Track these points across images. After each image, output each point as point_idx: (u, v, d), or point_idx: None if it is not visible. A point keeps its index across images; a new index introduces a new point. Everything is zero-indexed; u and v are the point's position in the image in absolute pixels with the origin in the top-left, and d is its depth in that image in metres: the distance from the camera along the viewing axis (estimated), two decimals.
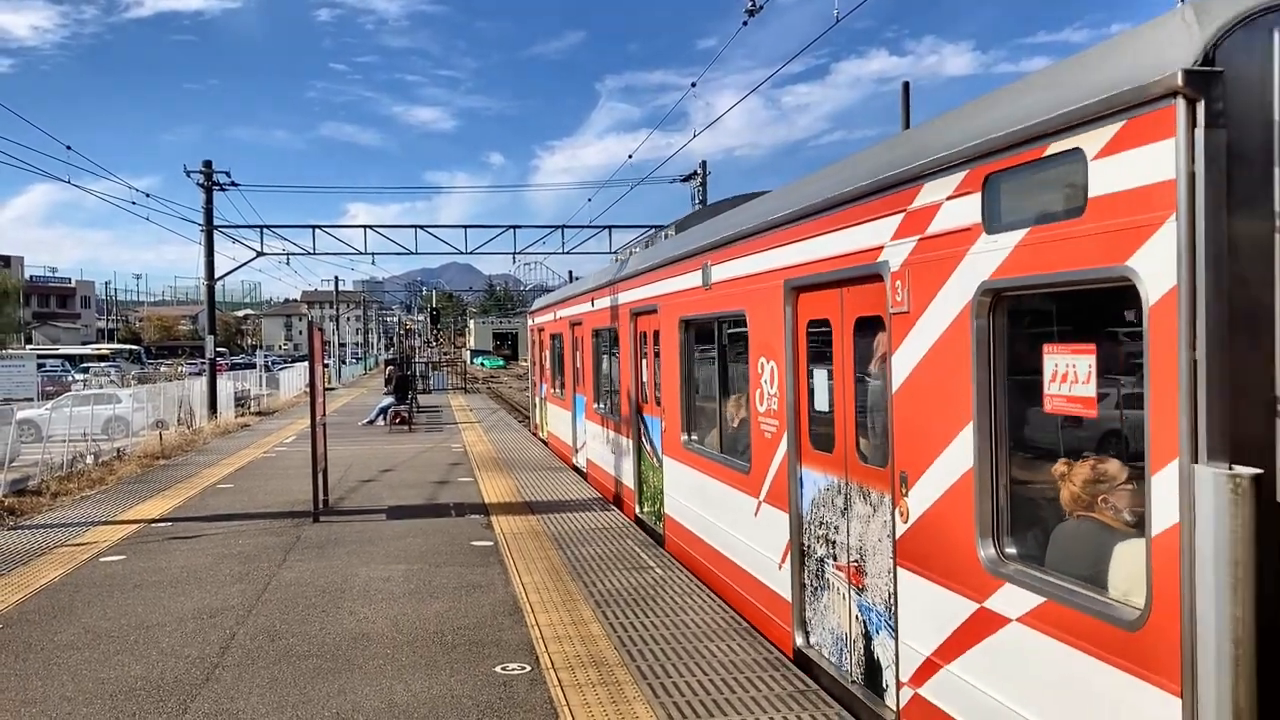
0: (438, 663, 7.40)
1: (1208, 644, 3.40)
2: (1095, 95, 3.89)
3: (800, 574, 7.45)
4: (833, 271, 6.58)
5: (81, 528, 13.09)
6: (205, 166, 32.76)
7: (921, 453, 5.39)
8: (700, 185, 33.74)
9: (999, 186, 4.66)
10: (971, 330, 4.86)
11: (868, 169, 6.12)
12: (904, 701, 5.66)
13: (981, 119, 4.88)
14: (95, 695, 6.85)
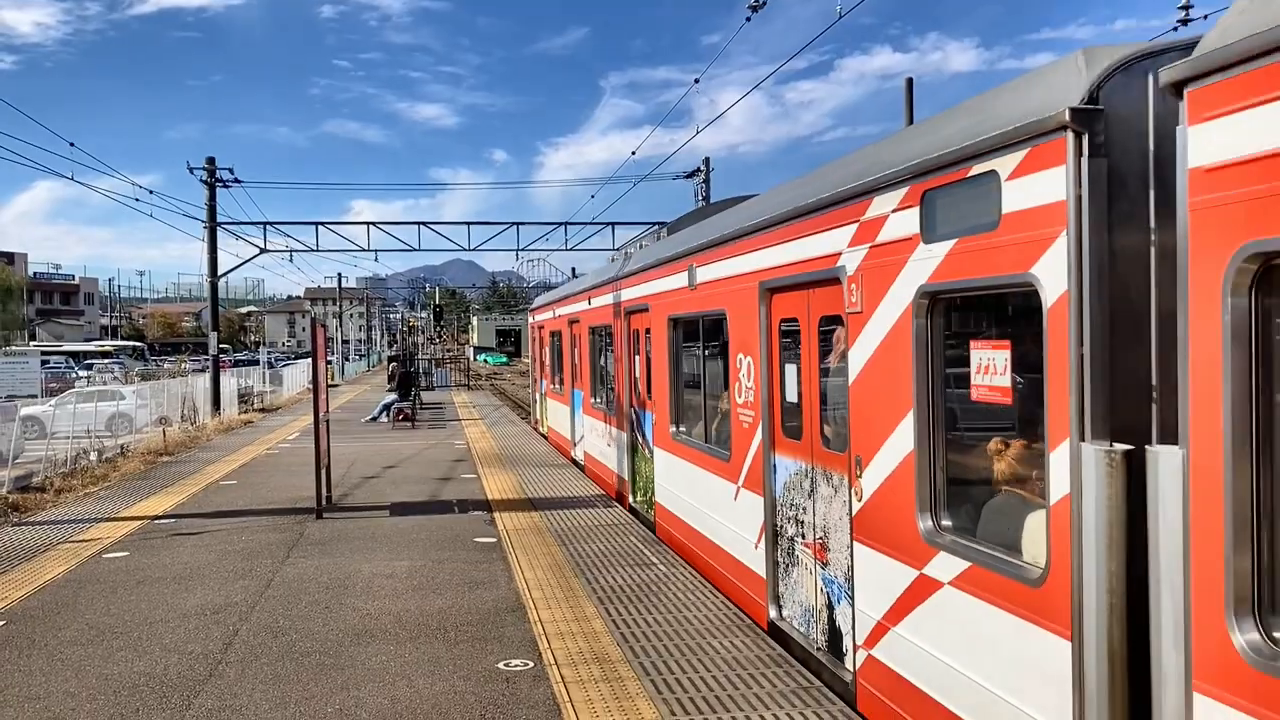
0: (441, 659, 7.40)
1: (1089, 596, 4.07)
2: (1006, 125, 4.55)
3: (773, 552, 8.09)
4: (800, 275, 7.22)
5: (85, 524, 13.11)
6: (208, 163, 32.79)
7: (872, 438, 6.01)
8: (703, 182, 33.74)
9: (934, 202, 5.28)
10: (912, 329, 5.50)
11: (829, 182, 6.76)
12: (859, 663, 6.30)
13: (920, 141, 5.52)
14: (99, 691, 6.86)
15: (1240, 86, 3.34)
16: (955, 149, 4.99)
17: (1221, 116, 3.44)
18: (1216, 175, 3.47)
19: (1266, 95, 3.23)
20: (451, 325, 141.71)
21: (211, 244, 32.94)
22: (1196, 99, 3.55)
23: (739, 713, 6.24)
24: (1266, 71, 3.22)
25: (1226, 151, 3.41)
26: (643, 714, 6.24)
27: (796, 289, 7.45)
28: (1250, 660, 3.32)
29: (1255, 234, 3.28)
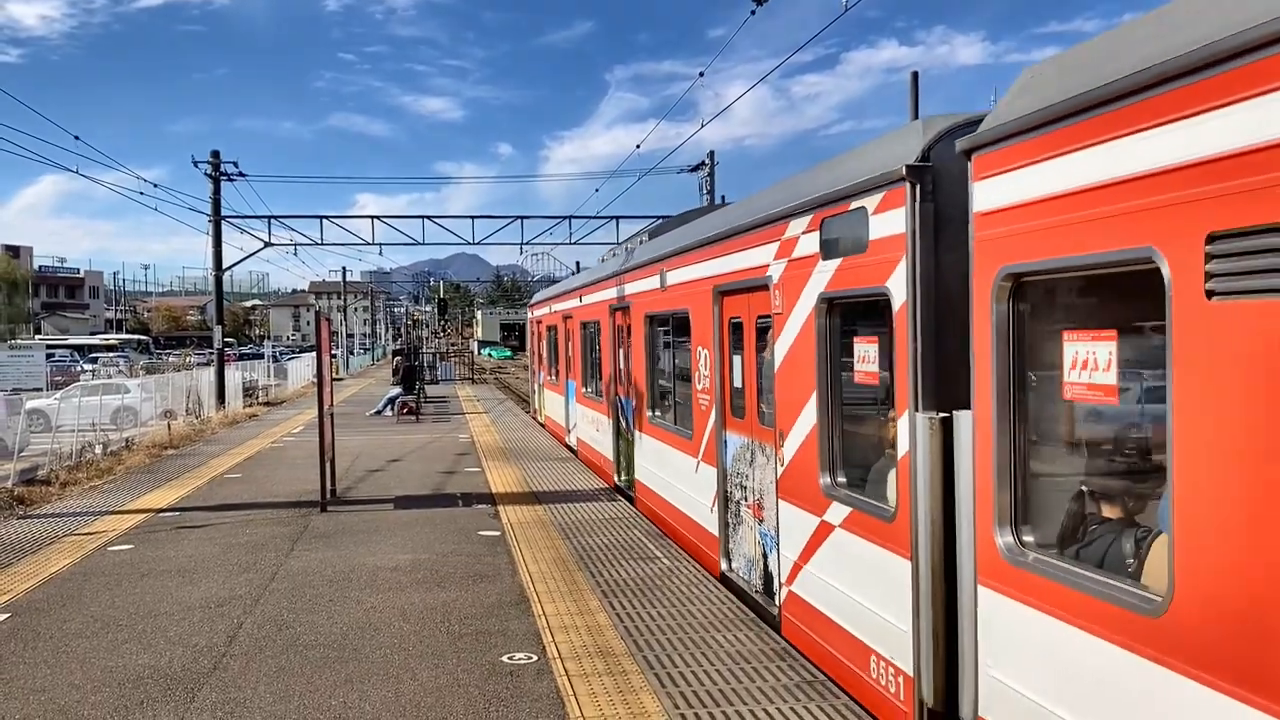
0: (444, 652, 7.41)
1: (921, 526, 5.56)
2: (873, 172, 5.99)
3: (724, 514, 9.61)
4: (742, 280, 8.62)
5: (90, 517, 13.14)
6: (213, 157, 32.78)
7: (789, 415, 7.48)
8: (708, 176, 33.68)
9: (829, 227, 6.74)
10: (814, 327, 6.95)
11: (761, 206, 8.31)
12: (783, 598, 7.78)
13: (823, 177, 7.01)
14: (103, 683, 6.88)
15: (996, 159, 4.76)
16: (842, 187, 6.43)
17: (989, 178, 4.83)
18: (987, 218, 4.84)
19: (1009, 166, 4.64)
20: (456, 319, 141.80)
21: (216, 238, 32.95)
22: (977, 163, 4.94)
23: (743, 707, 6.24)
24: (1006, 151, 4.68)
25: (991, 202, 4.81)
26: (646, 708, 6.24)
27: (740, 293, 8.84)
28: (1005, 557, 4.75)
29: (1007, 260, 4.67)
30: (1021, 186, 4.58)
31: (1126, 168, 3.92)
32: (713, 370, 9.66)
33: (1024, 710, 4.64)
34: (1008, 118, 4.70)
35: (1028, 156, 4.55)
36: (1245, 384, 3.33)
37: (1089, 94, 4.10)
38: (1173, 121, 3.66)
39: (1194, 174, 3.57)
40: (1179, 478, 3.67)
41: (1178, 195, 3.64)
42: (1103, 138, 4.06)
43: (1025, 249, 4.59)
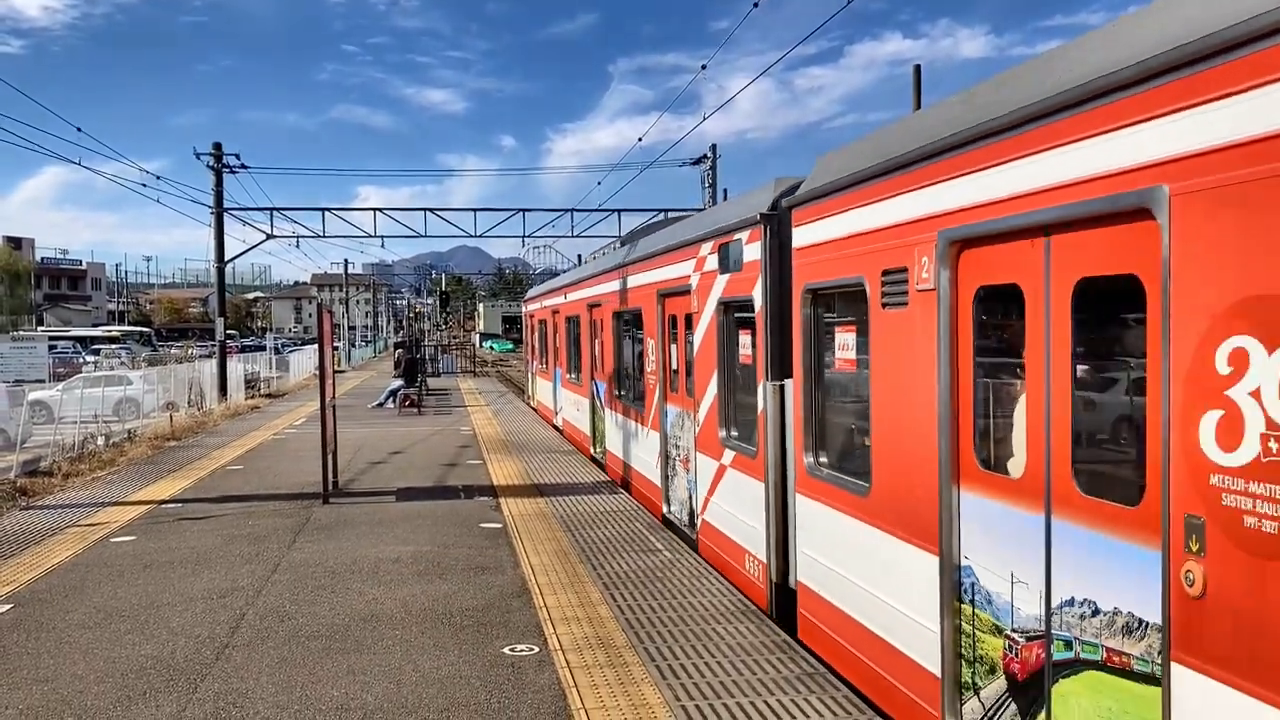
0: (446, 644, 7.43)
1: (769, 458, 8.25)
2: (745, 215, 8.74)
3: (664, 469, 12.43)
4: (675, 287, 11.40)
5: (93, 508, 13.17)
6: (215, 149, 32.74)
7: (702, 388, 10.32)
8: (710, 169, 33.63)
9: (724, 250, 9.41)
10: (716, 323, 9.76)
11: (683, 230, 11.67)
12: (699, 525, 10.61)
13: (719, 214, 10.19)
14: (106, 674, 6.90)
15: (801, 214, 7.36)
16: (729, 223, 9.26)
17: (799, 225, 7.41)
18: (799, 251, 7.42)
19: (807, 220, 7.20)
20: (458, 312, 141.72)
21: (218, 229, 32.94)
22: (794, 215, 7.55)
23: (743, 698, 6.26)
24: (804, 210, 7.20)
25: (800, 241, 7.38)
26: (648, 699, 6.25)
27: (674, 295, 11.62)
28: (809, 473, 7.36)
29: (808, 280, 7.22)
30: (813, 233, 7.18)
31: (853, 228, 6.54)
32: (657, 356, 12.48)
33: (817, 569, 7.33)
34: (805, 189, 7.37)
35: (815, 215, 7.15)
36: (896, 352, 5.92)
37: (836, 182, 6.75)
38: (869, 205, 6.29)
39: (874, 236, 6.19)
40: (875, 414, 6.21)
41: (870, 248, 6.24)
42: (843, 208, 6.67)
43: (816, 273, 7.14)
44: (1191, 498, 3.58)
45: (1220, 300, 3.44)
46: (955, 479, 5.31)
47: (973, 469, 5.18)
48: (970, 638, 5.21)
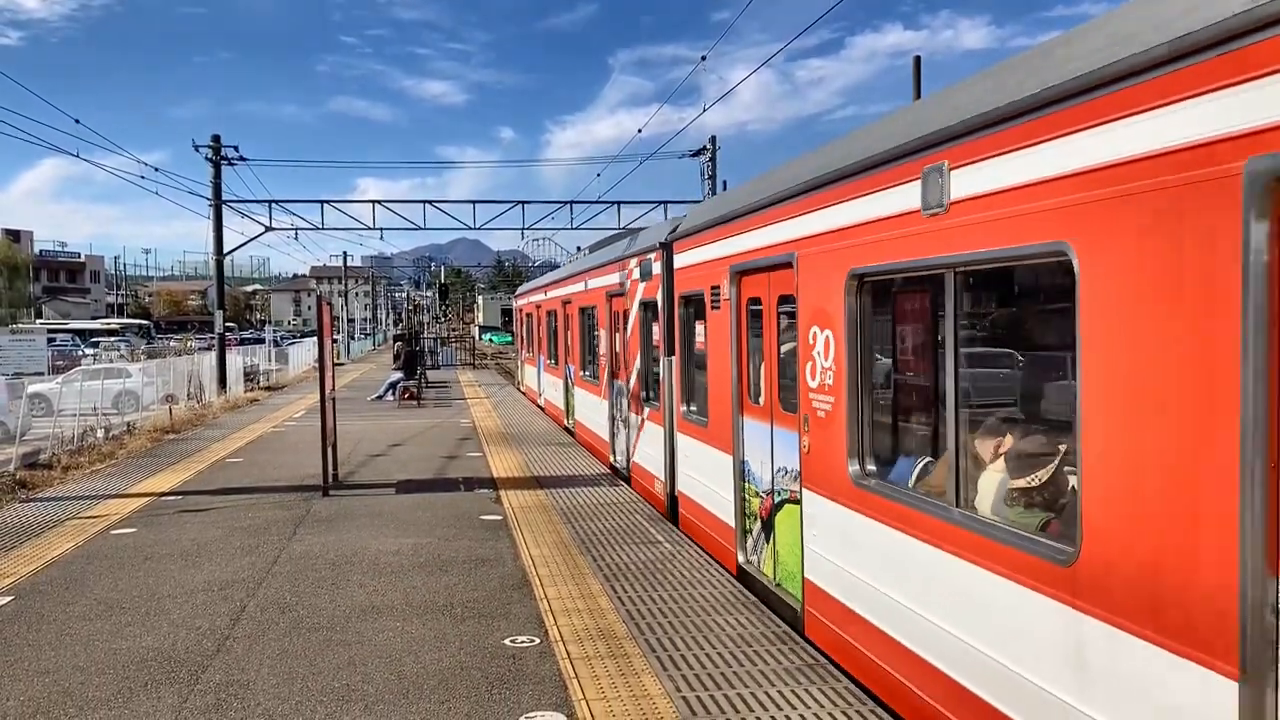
0: (447, 635, 7.43)
1: (667, 410, 12.14)
2: (652, 242, 12.73)
3: (612, 428, 16.15)
4: (616, 290, 15.10)
5: (92, 501, 13.17)
6: (214, 141, 32.69)
7: (631, 365, 14.06)
8: (710, 160, 33.58)
9: (642, 265, 13.06)
10: (639, 318, 13.49)
11: (615, 250, 15.72)
12: (632, 466, 14.34)
13: (641, 239, 13.99)
14: (107, 665, 6.90)
15: (677, 246, 11.30)
16: (644, 246, 13.06)
17: (676, 254, 11.34)
18: (677, 271, 11.29)
19: (680, 250, 11.15)
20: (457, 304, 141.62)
21: (217, 222, 32.89)
22: (675, 246, 11.47)
23: (744, 689, 6.26)
24: (678, 245, 11.24)
25: (678, 264, 11.27)
26: (648, 690, 6.26)
27: (616, 296, 15.29)
28: (684, 416, 11.19)
29: (681, 290, 11.14)
30: (683, 259, 11.03)
31: (698, 259, 10.28)
32: (607, 343, 16.21)
33: (685, 479, 11.28)
34: (681, 230, 11.33)
35: (682, 248, 11.08)
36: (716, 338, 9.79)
37: (690, 228, 10.71)
38: (704, 245, 10.01)
39: (707, 265, 9.88)
40: (708, 376, 10.02)
41: (705, 272, 9.94)
42: (694, 245, 10.45)
43: (684, 285, 11.00)
44: (806, 406, 7.39)
45: (812, 307, 7.22)
46: (740, 410, 9.27)
47: (746, 403, 9.14)
48: (745, 500, 9.27)
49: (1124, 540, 4.04)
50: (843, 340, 6.78)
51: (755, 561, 9.04)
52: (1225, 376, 3.48)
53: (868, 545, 6.41)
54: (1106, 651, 4.08)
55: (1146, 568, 3.90)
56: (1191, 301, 3.64)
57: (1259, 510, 3.38)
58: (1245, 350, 3.40)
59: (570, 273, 21.23)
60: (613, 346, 15.71)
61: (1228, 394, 3.46)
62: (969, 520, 5.24)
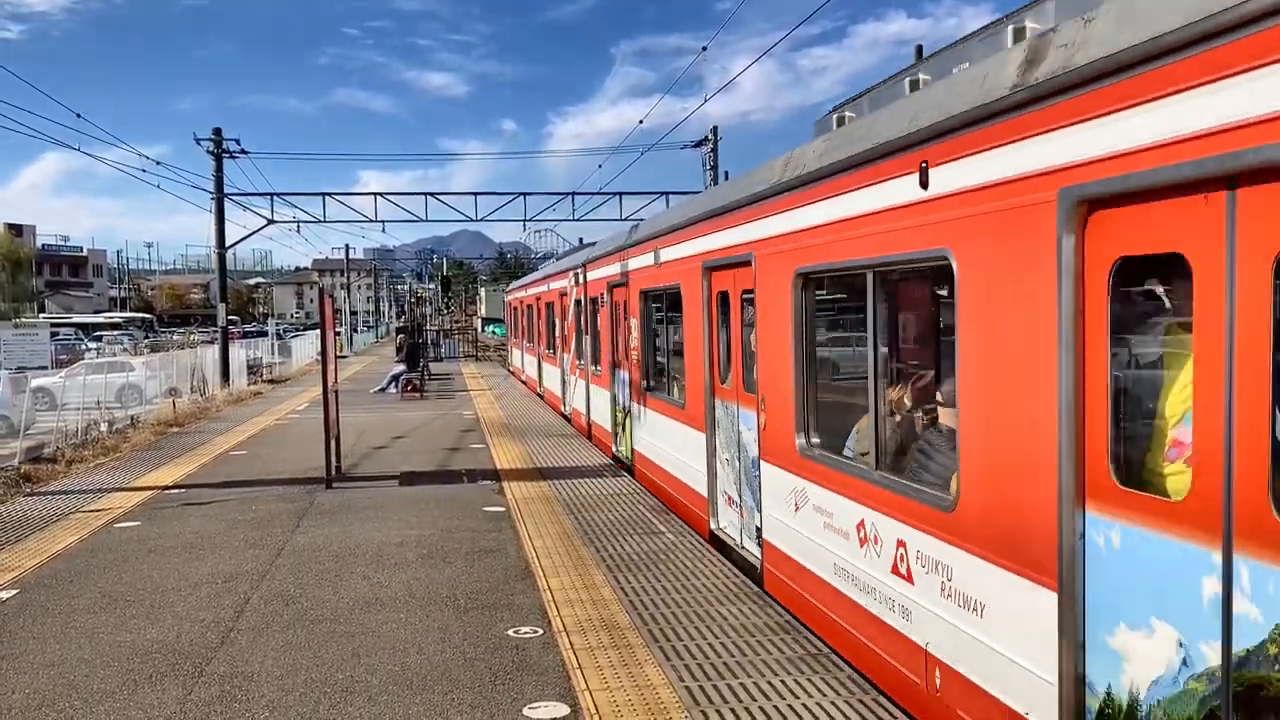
0: (450, 626, 7.45)
1: (588, 369, 19.21)
2: (580, 261, 20.06)
3: (585, 401, 19.59)
4: (565, 290, 22.00)
5: (96, 494, 13.20)
6: (215, 134, 32.64)
7: (576, 345, 20.99)
8: (711, 151, 33.51)
9: (578, 274, 19.98)
10: (574, 311, 21.17)
11: (564, 265, 23.85)
12: (590, 426, 18.96)
13: (581, 255, 21.22)
14: (112, 658, 6.93)
15: (588, 268, 18.75)
16: (576, 265, 20.67)
17: (587, 271, 18.75)
18: (589, 284, 18.58)
19: (590, 270, 18.61)
20: (459, 296, 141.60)
21: (219, 215, 32.87)
22: (587, 268, 18.86)
23: (746, 679, 6.28)
24: (588, 267, 18.85)
25: (589, 277, 18.67)
26: (651, 680, 6.28)
27: (564, 296, 21.99)
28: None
29: (590, 295, 18.73)
30: (591, 274, 18.16)
31: (595, 276, 17.76)
32: (561, 328, 23.07)
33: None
34: (587, 256, 19.30)
35: (590, 270, 18.28)
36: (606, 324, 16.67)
37: (589, 258, 18.69)
38: (598, 269, 17.43)
39: (598, 280, 17.22)
40: (601, 344, 17.41)
41: (597, 285, 17.33)
42: (594, 269, 17.95)
43: (590, 293, 18.41)
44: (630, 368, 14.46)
45: (631, 308, 14.51)
46: (613, 363, 15.85)
47: (604, 358, 16.74)
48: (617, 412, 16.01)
49: (988, 491, 5.12)
50: (641, 331, 13.97)
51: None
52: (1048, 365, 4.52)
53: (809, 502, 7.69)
54: (974, 571, 5.24)
55: (1002, 512, 4.99)
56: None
57: (1069, 457, 4.39)
58: (1060, 342, 4.43)
59: (540, 276, 29.56)
60: (566, 331, 22.52)
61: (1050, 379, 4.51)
62: (885, 479, 6.39)
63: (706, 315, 10.42)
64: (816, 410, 7.81)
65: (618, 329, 15.52)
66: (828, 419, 7.77)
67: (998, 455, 5.02)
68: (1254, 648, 3.53)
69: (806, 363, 7.77)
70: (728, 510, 10.21)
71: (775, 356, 8.19)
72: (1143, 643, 4.09)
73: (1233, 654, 3.63)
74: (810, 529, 7.55)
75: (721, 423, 10.30)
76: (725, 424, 10.15)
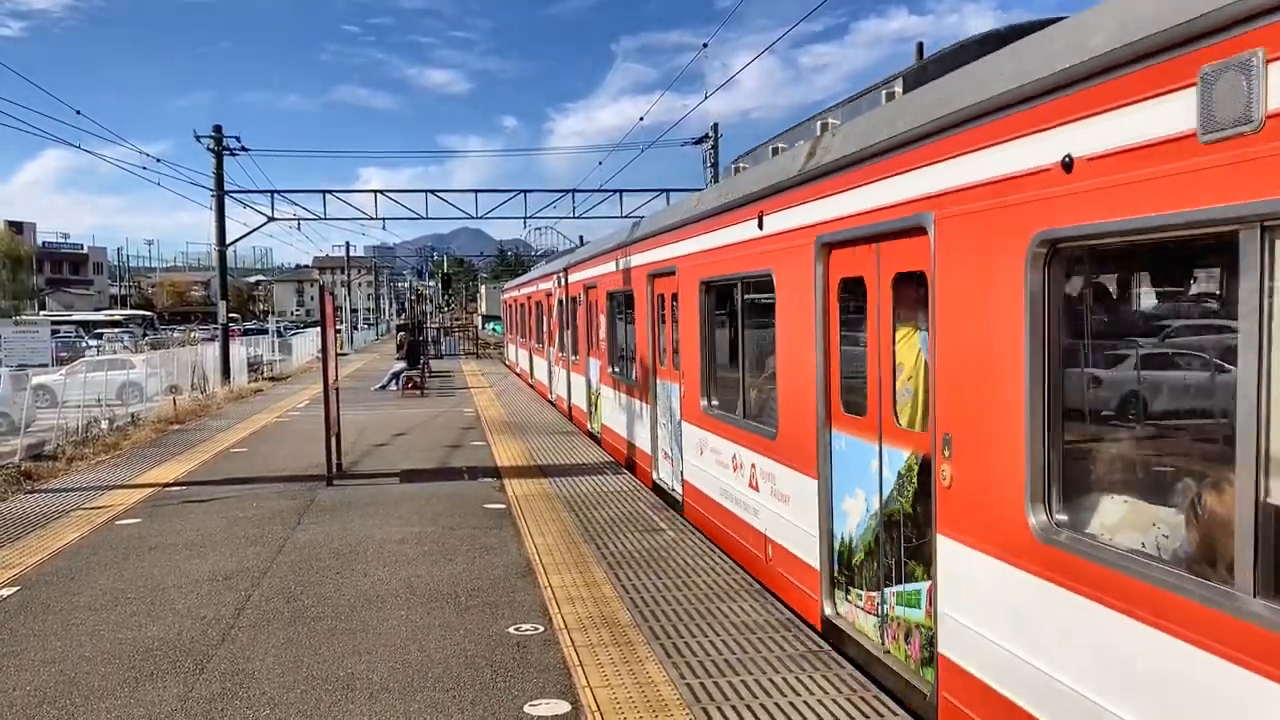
0: (451, 624, 7.45)
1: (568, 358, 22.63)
2: (562, 266, 23.35)
3: (549, 372, 26.74)
4: (547, 291, 25.96)
5: (97, 492, 13.20)
6: (215, 131, 32.64)
7: (554, 338, 25.03)
8: (712, 148, 33.49)
9: (559, 277, 23.26)
10: (555, 310, 24.67)
11: (548, 269, 27.32)
12: (555, 396, 25.35)
13: (560, 261, 25.56)
14: (113, 655, 6.93)
15: (569, 272, 21.77)
16: (559, 269, 23.85)
17: (569, 276, 21.67)
18: (570, 285, 21.53)
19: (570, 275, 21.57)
20: (460, 294, 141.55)
21: (219, 212, 32.86)
22: (568, 272, 21.90)
23: (748, 676, 6.28)
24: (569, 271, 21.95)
25: (570, 280, 21.58)
26: (652, 677, 6.28)
27: (549, 296, 25.60)
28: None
29: (570, 294, 21.45)
30: (571, 278, 21.07)
31: (575, 279, 20.49)
32: (551, 325, 25.40)
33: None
34: (568, 261, 22.95)
35: (571, 273, 21.18)
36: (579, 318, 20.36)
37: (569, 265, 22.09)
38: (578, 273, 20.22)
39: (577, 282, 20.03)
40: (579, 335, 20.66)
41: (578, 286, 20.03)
42: (573, 273, 20.91)
43: (572, 293, 20.84)
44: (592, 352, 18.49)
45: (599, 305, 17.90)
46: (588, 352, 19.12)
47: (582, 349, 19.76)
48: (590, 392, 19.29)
49: (788, 425, 8.02)
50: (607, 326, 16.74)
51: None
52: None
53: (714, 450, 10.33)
54: (785, 476, 8.10)
55: (794, 436, 7.85)
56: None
57: (823, 400, 7.31)
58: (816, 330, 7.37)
59: (531, 278, 33.52)
60: (549, 327, 26.00)
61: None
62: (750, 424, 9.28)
63: (650, 312, 13.22)
64: (715, 381, 10.61)
65: (591, 324, 18.64)
66: (721, 388, 10.48)
67: (791, 403, 7.92)
68: (888, 495, 6.31)
69: (707, 346, 10.62)
70: (665, 463, 12.93)
71: (690, 342, 11.00)
72: (853, 503, 6.93)
73: (882, 499, 6.39)
74: (709, 466, 10.40)
75: (660, 396, 13.04)
76: (663, 397, 12.90)
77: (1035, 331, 4.56)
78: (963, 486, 5.20)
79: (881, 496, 6.35)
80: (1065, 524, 4.49)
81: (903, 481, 6.07)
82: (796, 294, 7.60)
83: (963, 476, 5.19)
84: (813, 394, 7.27)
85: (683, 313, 11.22)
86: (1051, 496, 4.53)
